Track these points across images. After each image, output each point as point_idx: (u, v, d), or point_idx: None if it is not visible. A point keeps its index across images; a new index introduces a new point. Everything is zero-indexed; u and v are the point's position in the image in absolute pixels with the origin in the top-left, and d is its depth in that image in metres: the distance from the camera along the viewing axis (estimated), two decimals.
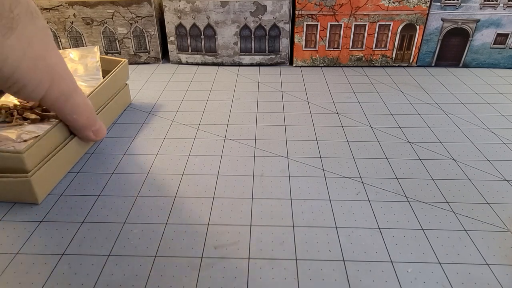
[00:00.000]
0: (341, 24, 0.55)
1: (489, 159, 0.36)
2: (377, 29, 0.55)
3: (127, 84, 0.45)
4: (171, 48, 0.58)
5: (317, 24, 0.55)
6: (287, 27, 0.55)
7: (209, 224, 0.28)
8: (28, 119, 0.35)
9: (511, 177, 0.34)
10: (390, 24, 0.55)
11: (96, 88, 0.37)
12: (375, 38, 0.56)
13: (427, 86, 0.51)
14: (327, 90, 0.50)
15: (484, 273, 0.25)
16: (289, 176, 0.33)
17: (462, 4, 0.53)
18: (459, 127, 0.41)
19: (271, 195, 0.31)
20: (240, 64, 0.58)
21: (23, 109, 0.36)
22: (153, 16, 0.55)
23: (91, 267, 0.25)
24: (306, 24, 0.55)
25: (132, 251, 0.26)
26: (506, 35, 0.54)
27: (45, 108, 0.36)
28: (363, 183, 0.33)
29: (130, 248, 0.26)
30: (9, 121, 0.35)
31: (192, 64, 0.59)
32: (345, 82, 0.52)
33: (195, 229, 0.28)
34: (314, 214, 0.29)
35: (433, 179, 0.33)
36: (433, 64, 0.58)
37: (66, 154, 0.33)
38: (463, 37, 0.55)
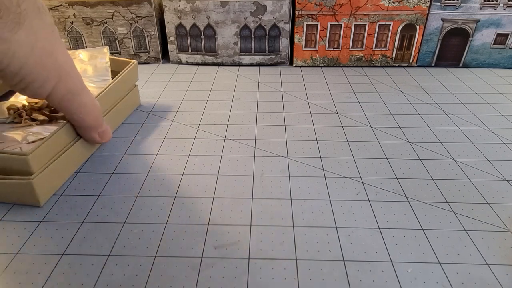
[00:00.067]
0: (341, 24, 0.55)
1: (489, 159, 0.36)
2: (377, 29, 0.55)
3: (137, 86, 0.44)
4: (171, 48, 0.58)
5: (317, 24, 0.55)
6: (287, 27, 0.55)
7: (209, 224, 0.28)
8: (37, 120, 0.35)
9: (511, 177, 0.34)
10: (390, 24, 0.55)
11: (105, 89, 0.37)
12: (375, 38, 0.56)
13: (427, 86, 0.51)
14: (327, 90, 0.50)
15: (484, 273, 0.25)
16: (289, 176, 0.33)
17: (462, 4, 0.53)
18: (459, 127, 0.41)
19: (271, 195, 0.31)
20: (240, 64, 0.58)
21: (32, 110, 0.36)
22: (153, 16, 0.55)
23: (91, 267, 0.25)
24: (306, 24, 0.55)
25: (132, 251, 0.26)
26: (506, 35, 0.54)
27: (54, 109, 0.36)
28: (363, 183, 0.33)
29: (130, 248, 0.26)
30: (18, 122, 0.35)
31: (192, 64, 0.59)
32: (345, 82, 0.52)
33: (195, 229, 0.28)
34: (314, 214, 0.29)
35: (433, 179, 0.33)
36: (433, 64, 0.58)
37: (70, 157, 0.33)
38: (463, 37, 0.55)
